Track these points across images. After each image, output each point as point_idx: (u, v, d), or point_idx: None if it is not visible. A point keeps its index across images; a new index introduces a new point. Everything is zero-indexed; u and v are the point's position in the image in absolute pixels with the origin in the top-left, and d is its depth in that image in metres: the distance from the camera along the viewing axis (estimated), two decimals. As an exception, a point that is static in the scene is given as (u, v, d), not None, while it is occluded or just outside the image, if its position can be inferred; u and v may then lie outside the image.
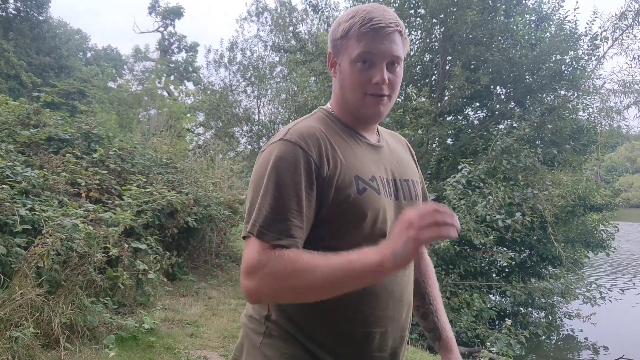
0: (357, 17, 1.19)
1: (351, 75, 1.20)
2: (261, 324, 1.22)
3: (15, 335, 3.43)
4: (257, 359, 1.19)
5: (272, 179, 1.10)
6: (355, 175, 1.16)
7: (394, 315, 1.22)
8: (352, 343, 1.18)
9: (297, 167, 1.10)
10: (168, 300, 6.16)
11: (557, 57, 8.82)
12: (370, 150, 1.27)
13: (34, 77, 25.48)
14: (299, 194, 1.10)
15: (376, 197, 1.18)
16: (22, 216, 4.19)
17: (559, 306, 9.34)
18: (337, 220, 1.14)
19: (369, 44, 1.16)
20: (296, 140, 1.13)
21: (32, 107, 7.85)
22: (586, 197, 8.73)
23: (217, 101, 20.41)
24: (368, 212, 1.15)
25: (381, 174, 1.23)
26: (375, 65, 1.18)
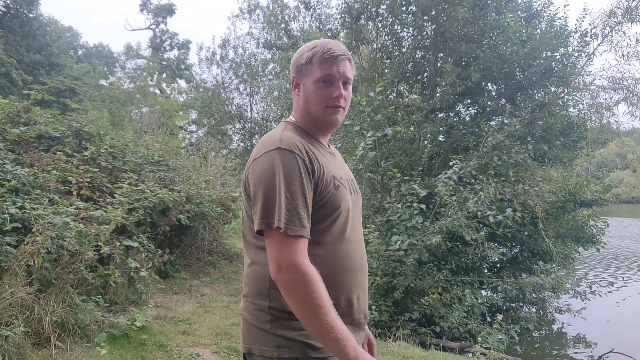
0: (318, 47, 1.53)
1: (315, 92, 1.52)
2: (265, 313, 1.42)
3: (5, 334, 3.42)
4: (274, 341, 1.40)
5: (282, 181, 1.34)
6: (332, 175, 1.46)
7: (362, 283, 1.54)
8: (339, 309, 1.38)
9: (299, 170, 1.37)
10: (160, 298, 6.16)
11: (547, 54, 8.85)
12: (330, 156, 1.59)
13: (24, 75, 25.27)
14: (304, 193, 1.36)
15: (345, 192, 1.50)
16: (12, 214, 4.17)
17: (550, 301, 9.42)
18: (319, 212, 1.41)
19: (328, 68, 1.50)
20: (291, 148, 1.39)
21: (22, 105, 7.80)
22: (576, 193, 8.80)
23: (210, 99, 20.33)
24: (341, 204, 1.46)
25: (340, 174, 1.54)
26: (333, 84, 1.51)
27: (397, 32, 10.33)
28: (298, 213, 1.33)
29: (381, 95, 8.30)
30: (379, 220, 7.49)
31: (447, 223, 6.90)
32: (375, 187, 8.22)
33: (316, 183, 1.40)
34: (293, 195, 1.34)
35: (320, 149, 1.53)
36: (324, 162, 1.46)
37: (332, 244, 1.45)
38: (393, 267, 6.94)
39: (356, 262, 1.52)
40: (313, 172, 1.40)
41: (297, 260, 1.30)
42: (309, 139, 1.52)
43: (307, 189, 1.37)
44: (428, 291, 7.10)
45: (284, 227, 1.31)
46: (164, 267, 7.08)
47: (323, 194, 1.41)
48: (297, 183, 1.35)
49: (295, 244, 1.31)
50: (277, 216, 1.32)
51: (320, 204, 1.41)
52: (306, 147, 1.43)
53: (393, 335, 6.43)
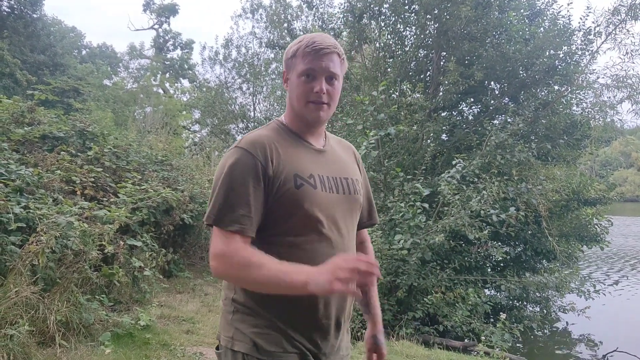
0: (303, 42, 1.48)
1: (297, 86, 1.48)
2: (230, 304, 1.48)
3: (10, 333, 3.44)
4: (230, 332, 1.45)
5: (226, 179, 1.39)
6: (295, 174, 1.43)
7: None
8: (300, 312, 1.42)
9: (245, 168, 1.39)
10: (164, 297, 6.18)
11: (550, 52, 8.83)
12: (313, 153, 1.54)
13: (28, 75, 25.34)
14: (247, 190, 1.37)
15: (312, 191, 1.44)
16: (17, 214, 4.19)
17: (554, 300, 9.40)
18: (279, 210, 1.41)
19: (310, 62, 1.45)
20: (246, 147, 1.42)
21: (26, 105, 7.84)
22: (580, 192, 8.77)
23: (213, 98, 20.36)
24: (305, 203, 1.42)
25: (321, 173, 1.50)
26: (316, 79, 1.46)
27: (399, 31, 10.32)
28: (233, 210, 1.36)
29: (384, 94, 8.30)
30: (381, 219, 7.49)
31: (450, 222, 6.89)
32: (378, 186, 8.21)
33: (270, 181, 1.40)
34: (232, 193, 1.37)
35: (299, 147, 1.51)
36: (289, 161, 1.44)
37: (299, 244, 1.42)
38: (396, 266, 6.93)
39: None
40: (265, 170, 1.39)
41: (220, 249, 1.36)
42: (290, 137, 1.52)
43: (251, 186, 1.37)
44: (431, 290, 7.10)
45: (214, 222, 1.38)
46: (168, 266, 7.09)
47: (280, 192, 1.40)
48: (239, 180, 1.37)
49: (226, 239, 1.36)
50: (211, 212, 1.39)
51: (279, 202, 1.41)
52: (270, 146, 1.43)
53: (396, 334, 6.43)
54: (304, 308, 1.42)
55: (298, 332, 1.43)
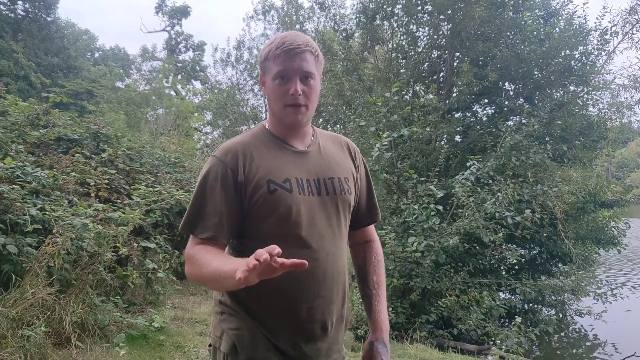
0: (273, 43, 1.44)
1: (273, 90, 1.45)
2: (218, 306, 1.53)
3: (27, 334, 3.46)
4: (218, 332, 1.50)
5: (198, 188, 1.43)
6: (268, 179, 1.42)
7: (318, 293, 1.45)
8: (281, 317, 1.43)
9: (216, 176, 1.41)
10: (177, 299, 6.19)
11: (566, 53, 8.73)
12: (294, 155, 1.50)
13: (42, 78, 25.65)
14: (216, 198, 1.40)
15: (287, 196, 1.41)
16: (33, 216, 4.21)
17: (570, 304, 9.28)
18: (254, 215, 1.42)
19: (282, 63, 1.41)
20: (218, 155, 1.44)
21: (41, 108, 7.89)
22: (597, 194, 8.66)
23: (225, 100, 20.45)
24: (279, 208, 1.40)
25: (300, 176, 1.47)
26: (290, 80, 1.41)
27: (412, 31, 10.27)
28: (203, 218, 1.39)
29: (397, 95, 8.25)
30: (395, 221, 7.44)
31: (465, 224, 6.83)
32: (391, 188, 8.17)
33: (243, 187, 1.40)
34: (201, 201, 1.41)
35: (275, 150, 1.48)
36: (264, 166, 1.43)
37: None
38: (410, 268, 6.88)
39: (311, 269, 1.37)
40: (235, 178, 1.40)
41: (186, 252, 1.39)
42: (270, 140, 1.50)
43: (221, 194, 1.39)
44: (445, 293, 7.04)
45: (187, 231, 1.43)
46: (181, 268, 7.09)
47: (254, 198, 1.40)
48: (209, 188, 1.40)
49: (195, 244, 1.40)
50: (185, 221, 1.44)
51: (254, 208, 1.41)
52: (243, 153, 1.44)
53: (410, 337, 6.38)
54: (285, 313, 1.43)
55: (280, 335, 1.44)
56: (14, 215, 4.10)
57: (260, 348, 1.43)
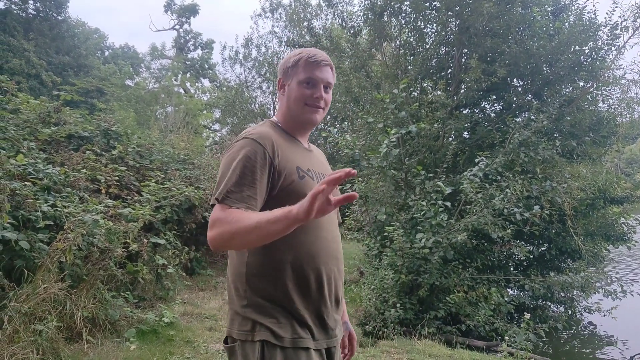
0: (304, 54, 1.70)
1: (297, 91, 1.67)
2: (242, 298, 1.55)
3: (39, 328, 3.52)
4: (247, 325, 1.52)
5: (237, 164, 1.49)
6: (297, 166, 1.60)
7: (334, 268, 1.63)
8: (310, 291, 1.55)
9: (255, 156, 1.50)
10: (187, 295, 6.25)
11: (575, 48, 8.64)
12: (305, 151, 1.74)
13: (53, 76, 25.86)
14: (254, 176, 1.48)
15: (312, 183, 1.60)
16: (45, 212, 4.28)
17: (579, 300, 9.23)
18: (284, 200, 1.45)
19: (311, 72, 1.67)
20: (256, 138, 1.55)
21: (52, 106, 7.99)
22: (606, 190, 8.59)
23: (233, 98, 20.51)
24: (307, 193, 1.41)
25: (313, 168, 1.69)
26: (315, 87, 1.68)
27: (420, 28, 10.23)
28: (241, 190, 1.46)
29: (405, 92, 8.24)
30: (403, 217, 7.44)
31: (473, 220, 6.81)
32: (399, 184, 8.16)
33: (278, 170, 1.53)
34: (242, 177, 1.47)
35: (293, 145, 1.68)
36: (290, 155, 1.60)
37: (301, 230, 1.44)
38: (418, 264, 6.89)
39: (327, 248, 1.61)
40: (272, 160, 1.52)
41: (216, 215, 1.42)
42: (285, 136, 1.68)
43: (259, 172, 1.49)
44: (453, 289, 7.03)
45: (222, 198, 1.45)
46: (190, 264, 7.17)
47: (287, 182, 1.54)
48: (249, 167, 1.48)
49: (224, 209, 1.43)
50: (221, 190, 1.46)
51: (286, 192, 1.53)
52: (274, 140, 1.57)
53: (418, 333, 6.40)
54: (314, 287, 1.56)
55: (308, 312, 1.55)
56: (26, 212, 4.17)
57: (299, 331, 1.51)
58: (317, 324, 1.57)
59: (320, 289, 1.57)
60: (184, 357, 4.16)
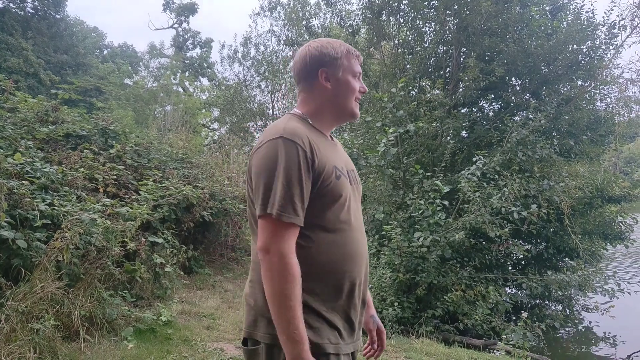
0: (345, 45, 1.64)
1: (350, 84, 1.62)
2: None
3: (36, 327, 3.51)
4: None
5: (282, 171, 1.38)
6: (334, 165, 1.51)
7: (364, 270, 1.58)
8: (342, 294, 1.49)
9: (299, 160, 1.40)
10: (185, 293, 6.25)
11: (573, 47, 8.65)
12: (333, 146, 1.64)
13: (52, 75, 25.84)
14: (302, 183, 1.40)
15: (346, 182, 1.54)
16: (42, 211, 4.27)
17: (577, 299, 9.25)
18: (322, 200, 1.46)
19: (358, 66, 1.66)
20: (294, 138, 1.42)
21: (50, 105, 7.98)
22: (604, 189, 8.60)
23: (232, 96, 20.48)
24: (343, 193, 1.50)
25: (343, 165, 1.59)
26: (359, 80, 1.66)
27: (419, 27, 10.24)
28: (293, 202, 1.37)
29: (403, 91, 8.24)
30: (401, 216, 7.45)
31: (471, 219, 6.82)
32: (397, 183, 8.17)
33: (317, 173, 1.43)
34: (289, 185, 1.38)
35: (323, 140, 1.57)
36: (325, 153, 1.50)
37: (336, 231, 1.48)
38: (416, 263, 6.90)
39: (359, 249, 1.55)
40: (313, 163, 1.43)
41: (284, 249, 1.35)
42: (314, 131, 1.57)
43: (305, 179, 1.40)
44: (451, 288, 7.05)
45: (277, 214, 1.36)
46: (188, 263, 7.17)
47: (325, 183, 1.45)
48: (295, 173, 1.39)
49: (285, 231, 1.37)
50: (272, 202, 1.37)
51: (323, 192, 1.45)
52: (309, 138, 1.46)
53: (416, 332, 6.40)
54: (347, 290, 1.50)
55: (340, 315, 1.50)
56: (24, 211, 4.17)
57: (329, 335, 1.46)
58: (347, 328, 1.52)
59: (352, 292, 1.52)
60: (181, 356, 4.16)
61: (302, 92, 1.66)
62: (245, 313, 1.54)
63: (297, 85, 1.68)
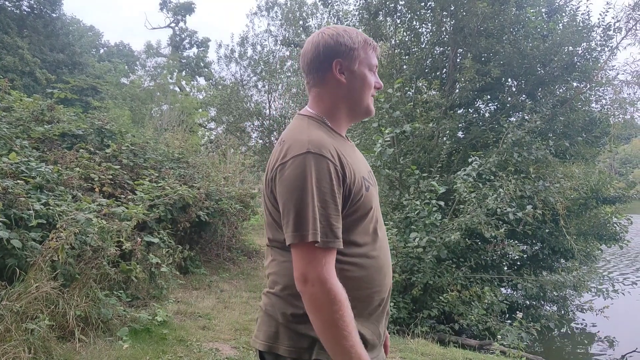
0: (362, 35, 1.47)
1: (367, 79, 1.46)
2: (300, 315, 1.32)
3: (31, 327, 3.50)
4: (305, 342, 1.33)
5: (316, 191, 1.25)
6: (362, 177, 1.38)
7: (388, 282, 1.48)
8: (371, 308, 1.41)
9: (331, 177, 1.27)
10: (181, 294, 6.25)
11: (569, 49, 8.70)
12: (354, 149, 1.50)
13: (48, 74, 25.76)
14: (336, 201, 1.28)
15: (373, 191, 1.43)
16: (37, 211, 4.26)
17: (571, 299, 9.29)
18: (353, 215, 1.35)
19: (374, 58, 1.48)
20: (323, 153, 1.28)
21: (46, 104, 7.95)
22: (599, 190, 8.64)
23: (228, 96, 20.43)
24: (372, 204, 1.40)
25: (367, 171, 1.47)
26: (375, 74, 1.49)
27: (415, 28, 10.26)
28: (330, 224, 1.26)
29: (399, 91, 8.25)
30: (397, 217, 7.46)
31: (466, 220, 6.85)
32: (393, 183, 8.19)
33: (348, 188, 1.31)
34: (325, 205, 1.26)
35: (344, 145, 1.43)
36: (352, 163, 1.36)
37: (368, 244, 1.39)
38: (411, 264, 6.91)
39: (386, 259, 1.47)
40: (344, 178, 1.30)
41: (324, 275, 1.23)
42: (334, 135, 1.43)
43: (338, 197, 1.28)
44: (447, 288, 7.07)
45: (320, 241, 1.24)
46: (184, 263, 7.16)
47: (357, 198, 1.34)
48: (329, 192, 1.26)
49: (323, 257, 1.25)
50: (312, 229, 1.24)
51: (354, 208, 1.34)
52: (336, 149, 1.33)
53: (411, 332, 6.42)
54: (376, 304, 1.42)
55: (368, 328, 1.41)
56: (19, 210, 4.16)
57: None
58: (374, 340, 1.43)
59: (380, 304, 1.44)
60: (176, 356, 4.16)
61: (314, 86, 1.48)
62: (263, 323, 1.42)
63: (306, 76, 1.49)
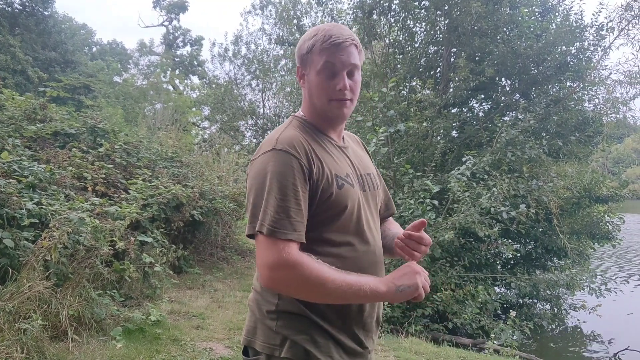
0: (318, 35, 1.39)
1: (317, 84, 1.40)
2: (273, 312, 1.37)
3: (24, 327, 3.48)
4: (277, 339, 1.35)
5: (273, 184, 1.27)
6: (335, 174, 1.37)
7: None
8: (350, 313, 1.38)
9: (292, 171, 1.28)
10: (174, 293, 6.22)
11: (562, 49, 8.75)
12: (339, 150, 1.48)
13: (40, 72, 25.56)
14: (297, 195, 1.27)
15: (352, 190, 1.40)
16: (30, 210, 4.23)
17: (564, 298, 9.34)
18: (325, 213, 1.34)
19: (330, 57, 1.37)
20: (287, 149, 1.30)
21: (38, 102, 7.90)
22: (592, 189, 8.70)
23: (222, 95, 20.40)
24: (348, 203, 1.37)
25: (350, 171, 1.45)
26: (337, 75, 1.38)
27: (409, 27, 10.28)
28: (289, 216, 1.25)
29: (394, 90, 8.27)
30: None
31: (460, 219, 6.87)
32: (387, 183, 8.19)
33: (315, 184, 1.31)
34: (285, 198, 1.25)
35: (327, 144, 1.44)
36: (326, 161, 1.37)
37: (343, 244, 1.37)
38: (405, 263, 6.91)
39: (371, 262, 1.44)
40: (310, 173, 1.31)
41: (282, 257, 1.23)
42: (316, 134, 1.44)
43: (301, 191, 1.28)
44: (441, 287, 7.08)
45: (268, 231, 1.24)
46: (178, 262, 7.13)
47: (326, 195, 1.33)
48: (290, 185, 1.26)
49: (283, 248, 1.24)
50: (261, 220, 1.25)
51: (326, 205, 1.33)
52: (307, 146, 1.34)
53: (405, 331, 6.43)
54: (355, 309, 1.39)
55: (345, 333, 1.39)
56: (11, 209, 4.12)
57: (333, 352, 1.36)
58: (355, 347, 1.41)
59: (360, 312, 1.40)
60: (170, 356, 4.14)
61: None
62: (247, 318, 1.47)
63: None
